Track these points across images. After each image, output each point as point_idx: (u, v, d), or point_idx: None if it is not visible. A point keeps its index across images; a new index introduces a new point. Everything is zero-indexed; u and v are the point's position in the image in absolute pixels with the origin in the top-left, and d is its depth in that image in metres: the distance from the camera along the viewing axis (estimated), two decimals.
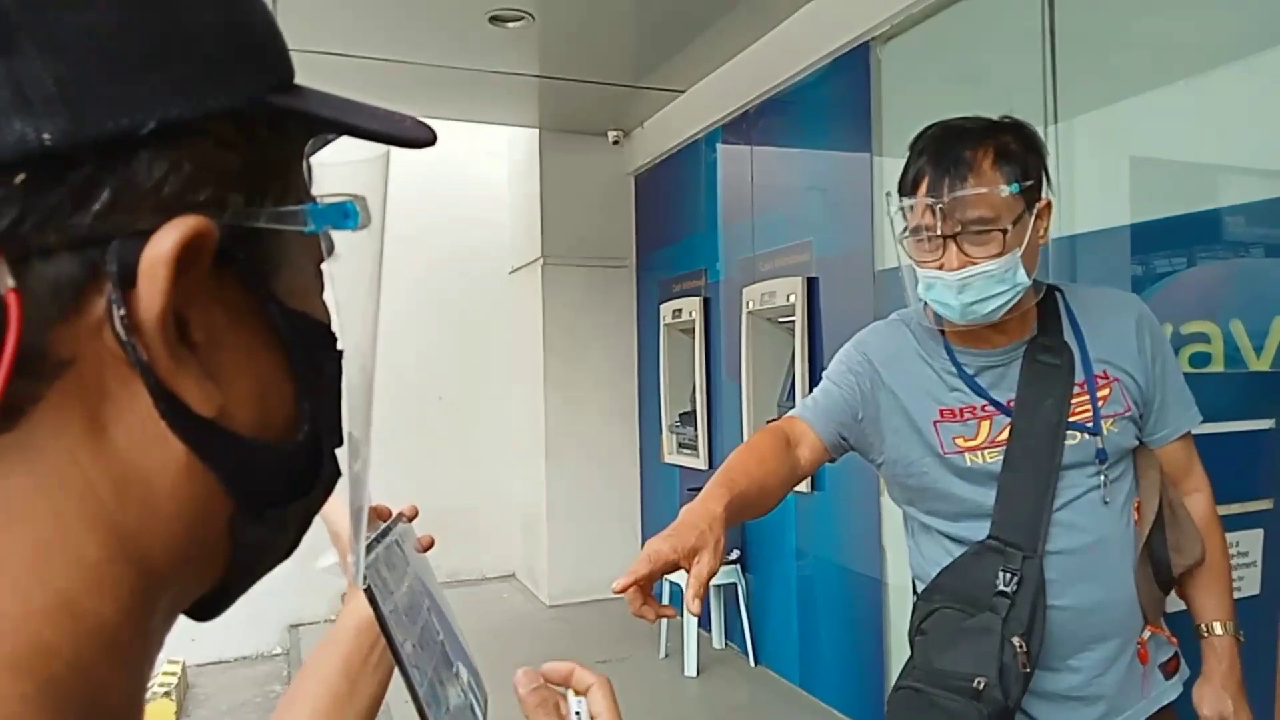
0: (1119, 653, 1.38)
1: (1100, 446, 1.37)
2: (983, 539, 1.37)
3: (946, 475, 1.40)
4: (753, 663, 4.25)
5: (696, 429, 4.78)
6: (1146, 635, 1.41)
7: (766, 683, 4.10)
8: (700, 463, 4.71)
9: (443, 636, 0.79)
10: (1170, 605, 1.50)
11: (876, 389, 1.45)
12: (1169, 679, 1.44)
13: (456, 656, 0.80)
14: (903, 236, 1.38)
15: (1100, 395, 1.39)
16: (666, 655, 4.41)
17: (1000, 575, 1.32)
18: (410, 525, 0.89)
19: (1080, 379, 1.39)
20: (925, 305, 1.41)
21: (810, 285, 3.74)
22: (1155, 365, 1.42)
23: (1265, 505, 2.06)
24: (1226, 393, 2.19)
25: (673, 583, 4.05)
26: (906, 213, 1.36)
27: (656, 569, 1.08)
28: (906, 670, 1.40)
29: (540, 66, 4.38)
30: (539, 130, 5.40)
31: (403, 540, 0.83)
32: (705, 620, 4.53)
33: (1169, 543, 1.41)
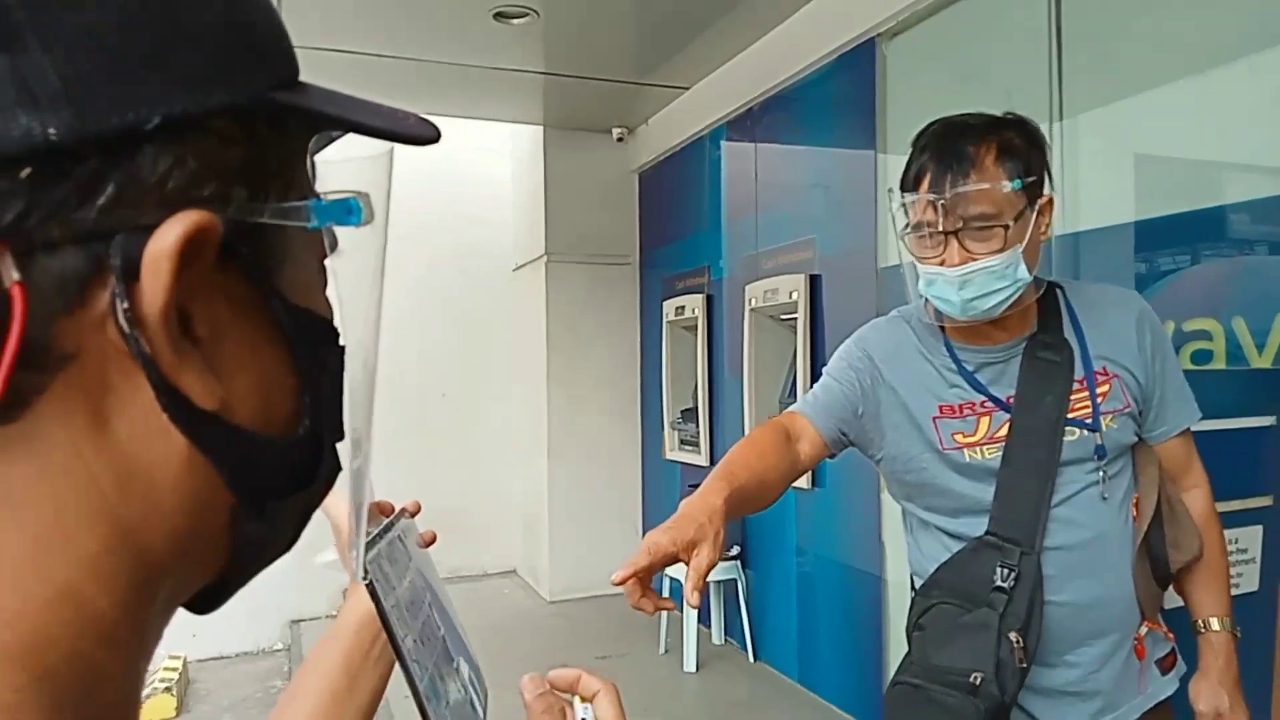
0: (1116, 648, 1.38)
1: (1099, 443, 1.37)
2: (981, 535, 1.37)
3: (945, 471, 1.40)
4: (752, 659, 4.26)
5: (698, 426, 4.79)
6: (1144, 631, 1.41)
7: (766, 679, 4.11)
8: (702, 459, 4.72)
9: (444, 632, 0.79)
10: (1168, 601, 1.50)
11: (877, 385, 1.45)
12: (1166, 674, 1.44)
13: (457, 652, 0.80)
14: (904, 233, 1.38)
15: (1100, 392, 1.39)
16: (666, 651, 4.42)
17: (998, 571, 1.33)
18: (413, 521, 0.89)
19: (1080, 375, 1.39)
20: (926, 301, 1.41)
21: (813, 282, 3.74)
22: (1155, 362, 1.42)
23: (1265, 502, 2.06)
24: (1228, 390, 2.19)
25: (672, 578, 4.06)
26: (908, 209, 1.36)
27: (656, 561, 1.07)
28: (904, 666, 1.40)
29: (544, 63, 4.37)
30: (543, 127, 5.40)
31: (405, 536, 0.83)
32: (705, 616, 4.54)
33: (1167, 539, 1.42)
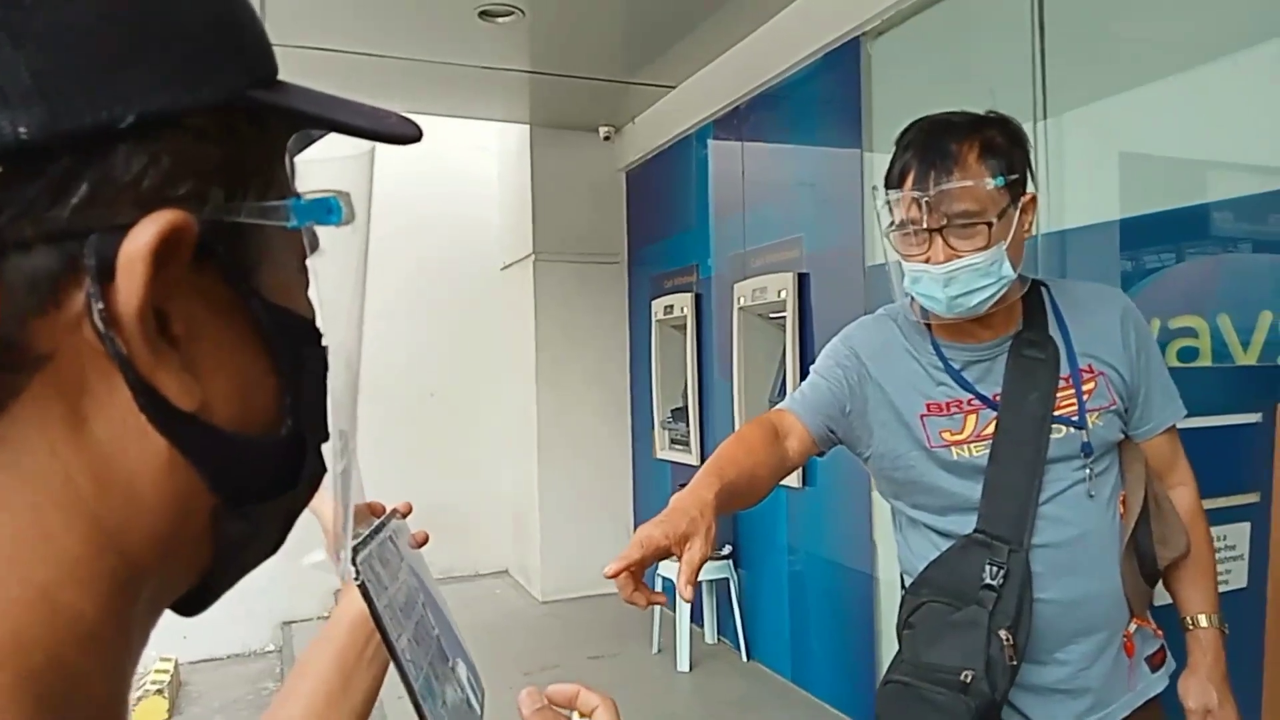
0: (1105, 646, 1.38)
1: (1085, 440, 1.38)
2: (969, 533, 1.37)
3: (933, 469, 1.41)
4: (745, 658, 4.26)
5: (688, 425, 4.79)
6: (1133, 628, 1.41)
7: (759, 678, 4.11)
8: (692, 459, 4.72)
9: (438, 631, 0.79)
10: (1157, 598, 1.51)
11: (864, 383, 1.45)
12: (1155, 671, 1.45)
13: (453, 651, 0.80)
14: (889, 230, 1.39)
15: (1085, 389, 1.39)
16: (659, 651, 4.42)
17: (987, 569, 1.33)
18: (404, 521, 0.89)
19: (1065, 373, 1.39)
20: (911, 300, 1.41)
21: (801, 281, 3.74)
22: (1140, 359, 1.42)
23: (1252, 499, 2.07)
24: (1214, 387, 2.20)
25: (665, 578, 4.06)
26: (893, 206, 1.36)
27: (648, 554, 1.07)
28: (895, 664, 1.40)
29: (530, 62, 4.37)
30: (530, 126, 5.40)
31: (397, 536, 0.83)
32: (698, 616, 4.54)
33: (1154, 536, 1.42)
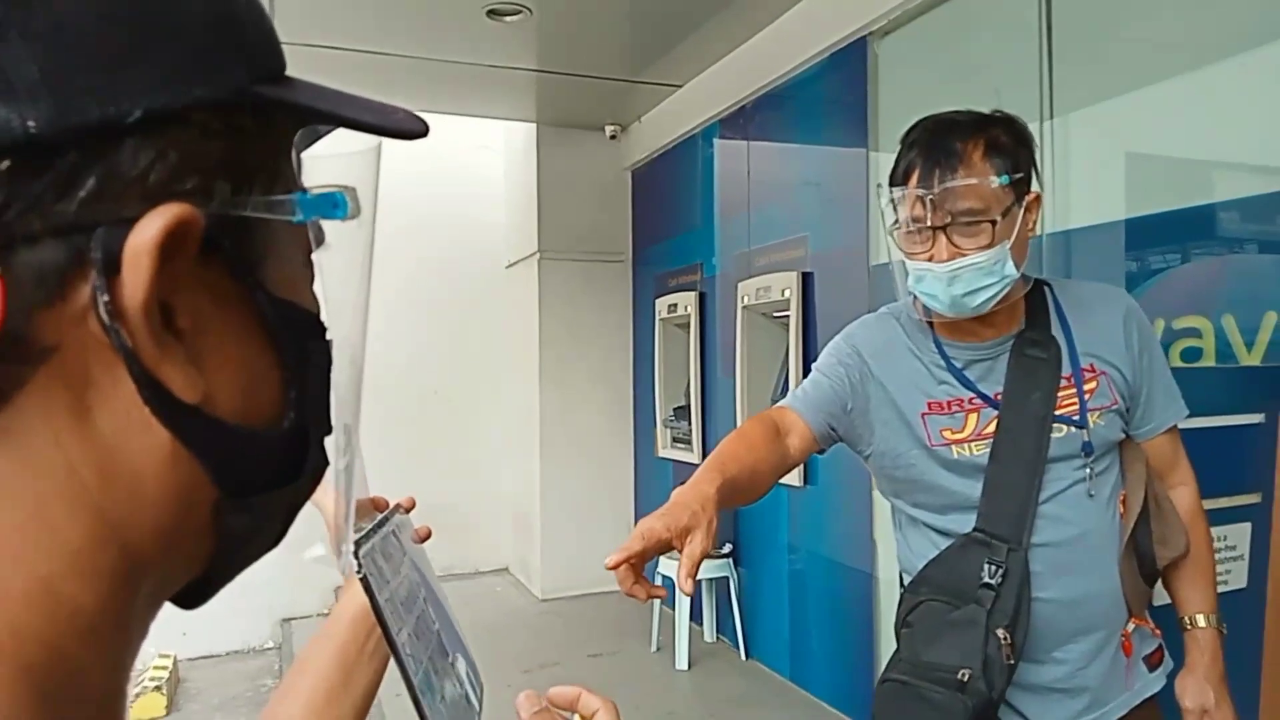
0: (1103, 645, 1.39)
1: (1086, 439, 1.38)
2: (969, 531, 1.37)
3: (934, 467, 1.41)
4: (744, 656, 4.26)
5: (691, 423, 4.79)
6: (1131, 628, 1.41)
7: (758, 676, 4.11)
8: (694, 457, 4.72)
9: (439, 626, 0.79)
10: (1156, 598, 1.50)
11: (866, 381, 1.45)
12: (1153, 671, 1.45)
13: (453, 647, 0.80)
14: (893, 228, 1.39)
15: (1087, 388, 1.39)
16: (658, 649, 4.42)
17: (986, 568, 1.33)
18: (408, 516, 0.90)
19: (1067, 372, 1.39)
20: (914, 298, 1.41)
21: (805, 280, 3.74)
22: (1142, 359, 1.42)
23: (1254, 499, 2.07)
24: (1217, 387, 2.20)
25: (665, 576, 4.06)
26: (897, 204, 1.36)
27: (649, 547, 1.07)
28: (893, 662, 1.40)
29: (537, 60, 4.37)
30: (536, 125, 5.40)
31: (400, 531, 0.83)
32: (697, 614, 4.54)
33: (1154, 535, 1.42)
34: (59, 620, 0.30)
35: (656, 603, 4.43)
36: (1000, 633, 1.29)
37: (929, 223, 1.32)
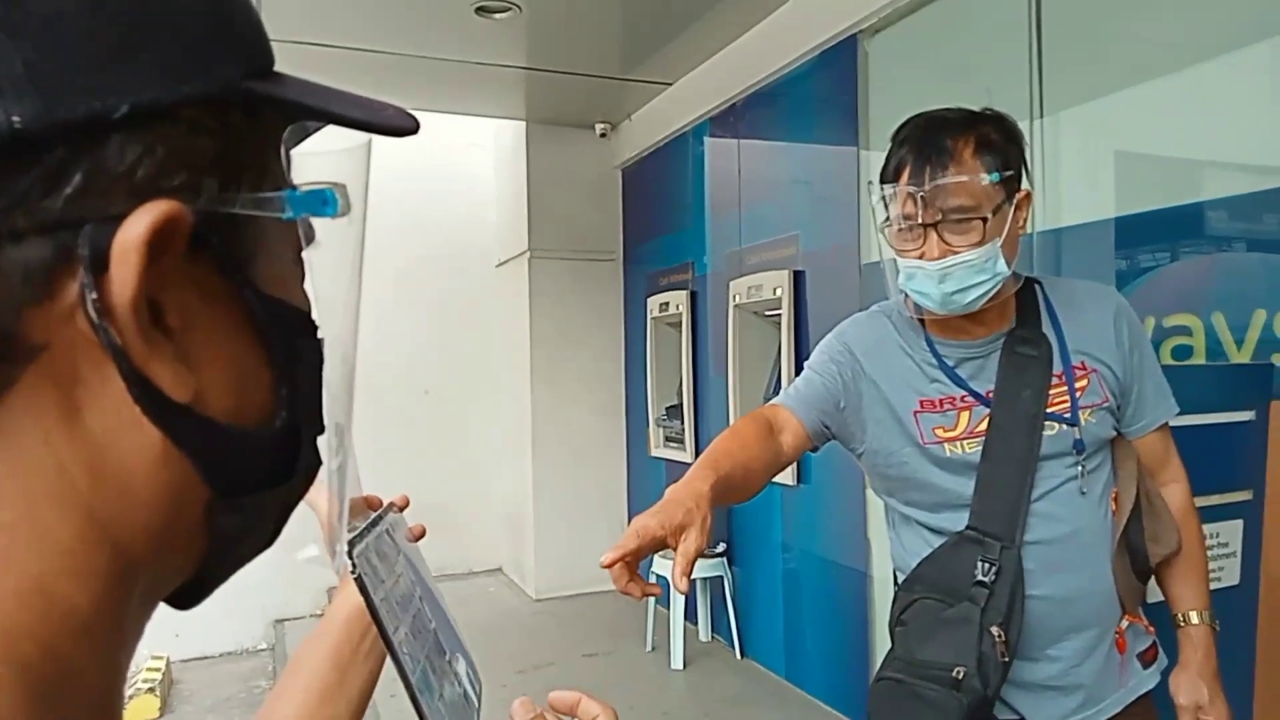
0: (1097, 642, 1.39)
1: (1078, 437, 1.38)
2: (962, 529, 1.37)
3: (926, 465, 1.41)
4: (739, 655, 4.27)
5: (683, 422, 4.79)
6: (1124, 625, 1.42)
7: (753, 675, 4.12)
8: (687, 456, 4.72)
9: (435, 625, 0.79)
10: (1150, 595, 1.51)
11: (858, 379, 1.45)
12: (1147, 668, 1.45)
13: (451, 646, 0.80)
14: (884, 226, 1.39)
15: (1078, 386, 1.40)
16: (653, 648, 4.42)
17: (979, 565, 1.33)
18: (401, 515, 0.89)
19: (1058, 370, 1.40)
20: (905, 296, 1.42)
21: (797, 279, 3.75)
22: (1133, 356, 1.43)
23: (1245, 496, 2.08)
24: (1208, 385, 2.20)
25: (659, 575, 4.06)
26: (888, 201, 1.36)
27: (644, 545, 1.07)
28: (887, 661, 1.41)
29: (527, 58, 4.36)
30: (526, 122, 5.39)
31: (394, 530, 0.83)
32: (691, 613, 4.54)
33: (1146, 533, 1.43)
34: (52, 620, 0.30)
35: (651, 602, 4.44)
36: (994, 630, 1.29)
37: (920, 220, 1.32)
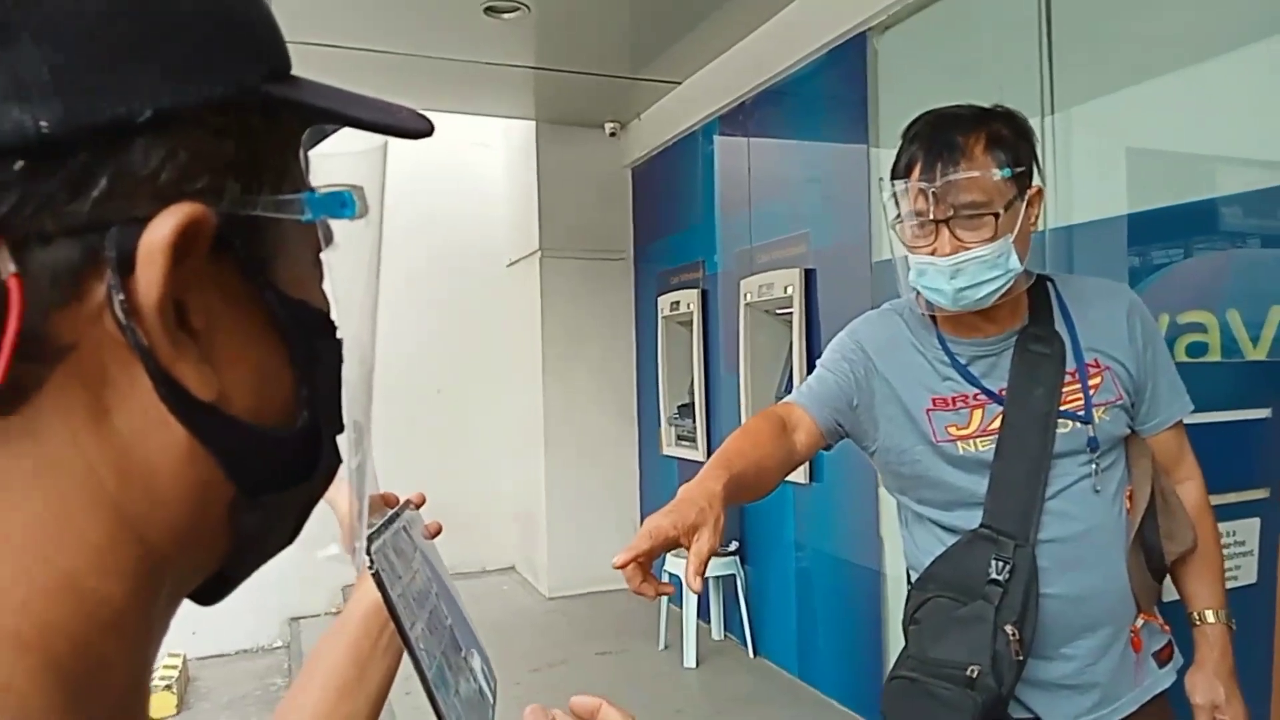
0: (1112, 641, 1.38)
1: (1092, 435, 1.37)
2: (975, 528, 1.37)
3: (939, 463, 1.41)
4: (751, 654, 4.27)
5: (695, 421, 4.79)
6: (1140, 623, 1.41)
7: (765, 674, 4.12)
8: (699, 455, 4.72)
9: (451, 622, 0.79)
10: (1165, 594, 1.50)
11: (870, 377, 1.45)
12: (1162, 667, 1.45)
13: (466, 642, 0.80)
14: (895, 222, 1.39)
15: (1092, 384, 1.39)
16: (666, 647, 4.42)
17: (993, 564, 1.33)
18: (418, 512, 0.90)
19: (1072, 368, 1.39)
20: (917, 294, 1.41)
21: (808, 277, 3.74)
22: (1146, 353, 1.42)
23: (1262, 494, 2.07)
24: (1223, 382, 2.19)
25: (672, 574, 4.06)
26: (899, 198, 1.36)
27: (656, 545, 1.07)
28: (901, 660, 1.40)
29: (536, 58, 4.37)
30: (535, 122, 5.40)
31: (410, 527, 0.83)
32: (704, 612, 4.54)
33: (1161, 531, 1.42)
34: (83, 616, 0.30)
35: (664, 600, 4.43)
36: (1009, 629, 1.29)
37: (931, 216, 1.32)
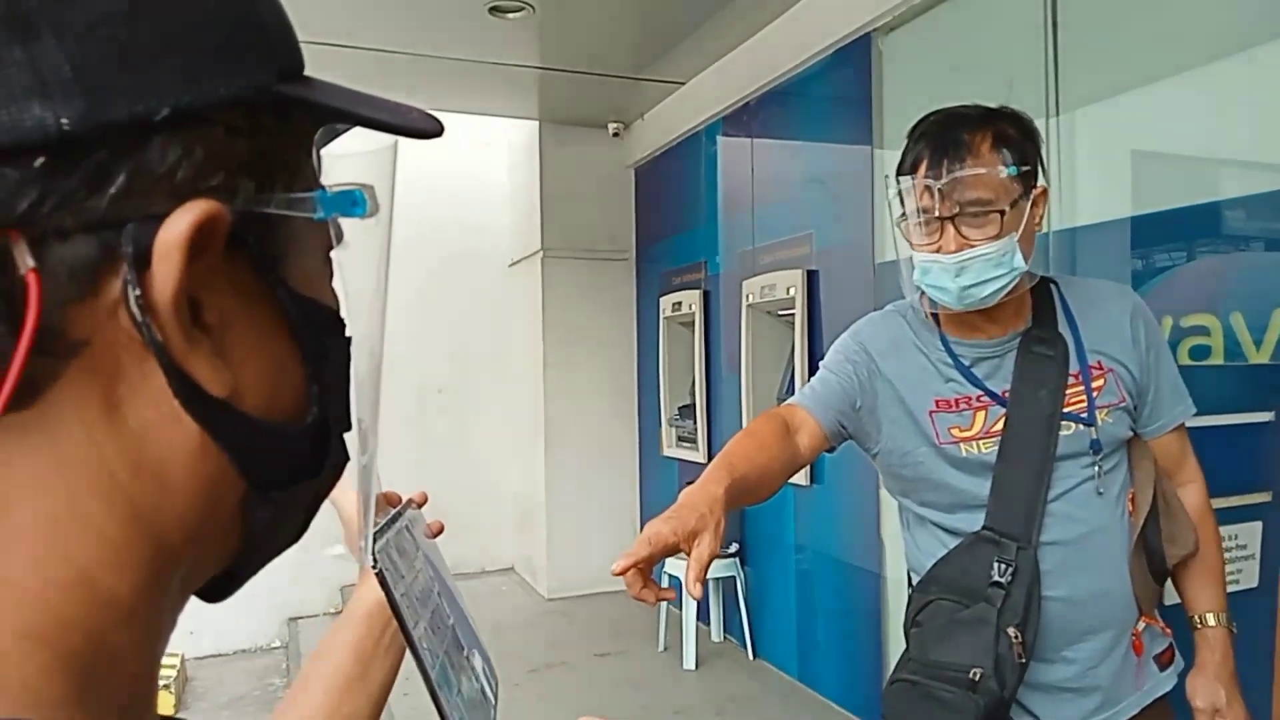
0: (1114, 644, 1.38)
1: (1094, 437, 1.37)
2: (977, 530, 1.37)
3: (942, 465, 1.41)
4: (751, 656, 4.26)
5: (696, 422, 4.79)
6: (1141, 627, 1.41)
7: (765, 676, 4.11)
8: (699, 456, 4.72)
9: (453, 621, 0.80)
10: (1166, 597, 1.50)
11: (874, 378, 1.45)
12: (1164, 670, 1.45)
13: (468, 641, 0.80)
14: (900, 220, 1.39)
15: (1095, 386, 1.39)
16: (665, 648, 4.42)
17: (995, 566, 1.33)
18: (420, 511, 0.90)
19: (1075, 370, 1.39)
20: (921, 295, 1.41)
21: (810, 278, 3.74)
22: (1149, 356, 1.42)
23: (1264, 498, 2.07)
24: (1226, 385, 2.19)
25: (673, 575, 4.06)
26: (904, 195, 1.36)
27: (656, 551, 1.06)
28: (902, 662, 1.40)
29: (540, 58, 4.37)
30: (538, 122, 5.40)
31: (413, 526, 0.84)
32: (704, 613, 4.54)
33: (1163, 534, 1.42)
34: (97, 609, 0.31)
35: (664, 603, 4.43)
36: (1011, 631, 1.29)
37: (937, 213, 1.32)
